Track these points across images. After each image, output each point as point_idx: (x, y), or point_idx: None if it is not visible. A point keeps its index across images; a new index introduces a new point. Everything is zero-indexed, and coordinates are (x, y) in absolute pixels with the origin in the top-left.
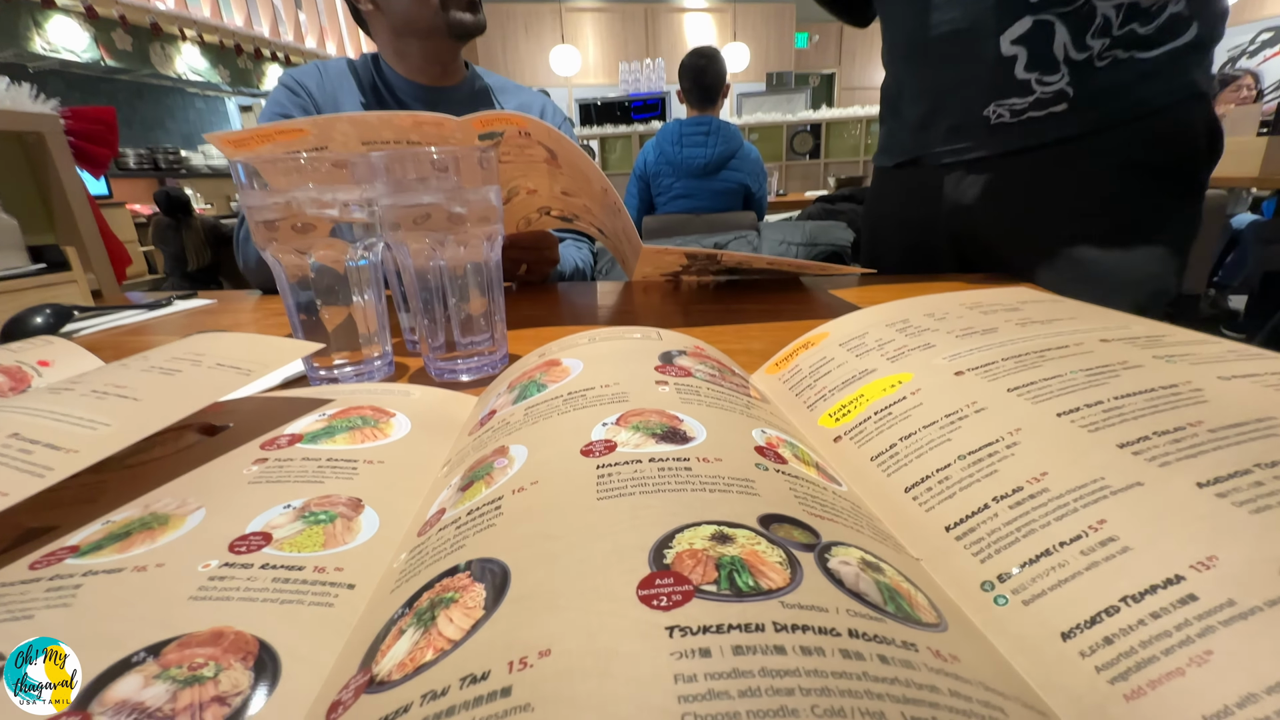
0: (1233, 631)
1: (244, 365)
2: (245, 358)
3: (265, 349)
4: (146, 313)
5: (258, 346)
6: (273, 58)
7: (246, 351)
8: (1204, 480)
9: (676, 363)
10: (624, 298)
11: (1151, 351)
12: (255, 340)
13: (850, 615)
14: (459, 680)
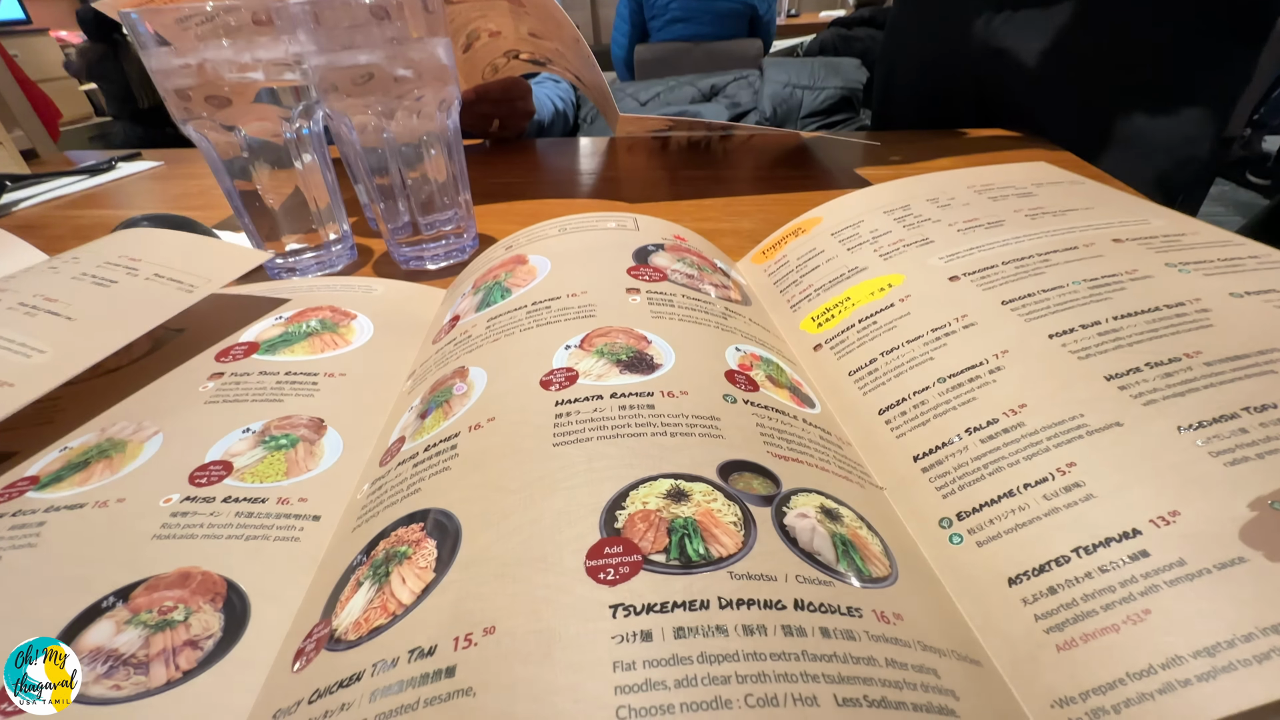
0: (1176, 592)
1: (186, 279)
2: (186, 269)
3: (209, 256)
4: (87, 179)
5: (199, 252)
6: None
7: (187, 259)
8: (1186, 424)
9: (652, 261)
10: (607, 160)
11: (1165, 257)
12: (196, 244)
13: (799, 582)
14: (407, 652)
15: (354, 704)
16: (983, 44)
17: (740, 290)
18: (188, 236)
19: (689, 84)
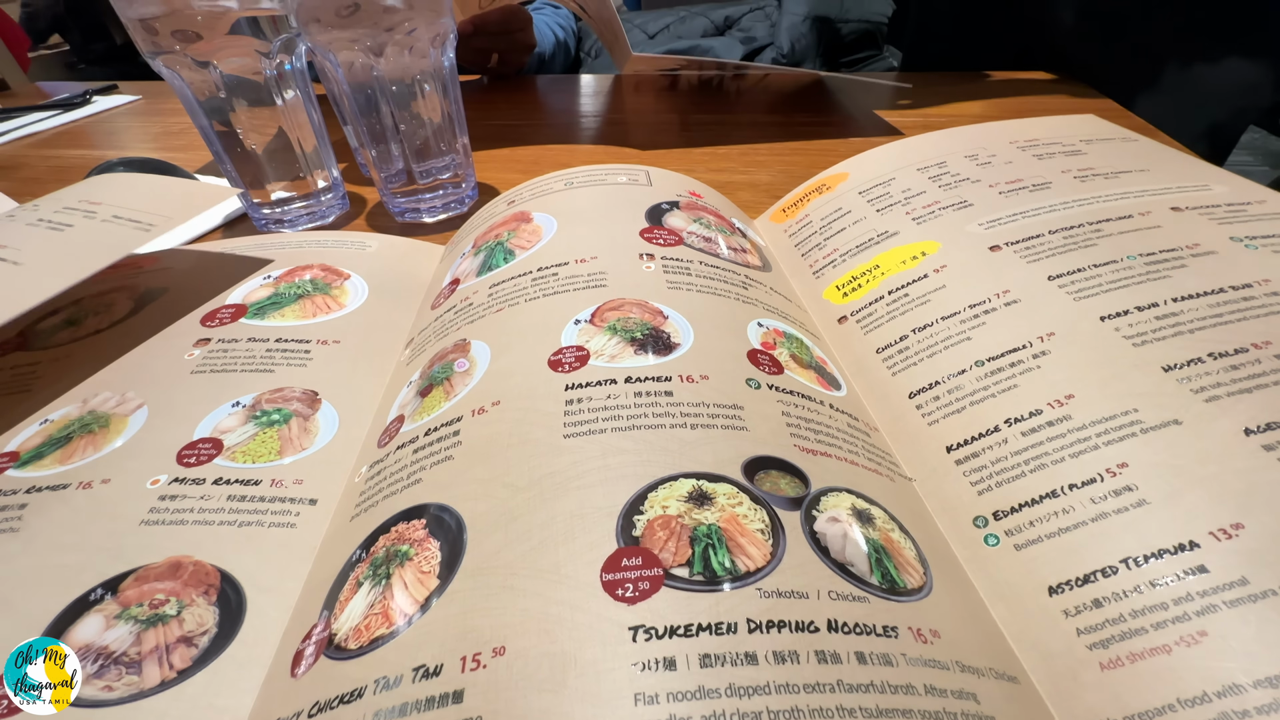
0: (1236, 614)
1: (144, 218)
2: (146, 208)
3: (172, 195)
4: (61, 114)
5: (163, 192)
6: None
7: (148, 200)
8: (1254, 426)
9: (666, 223)
10: (613, 101)
11: (1231, 230)
12: (161, 185)
13: (832, 600)
14: (412, 670)
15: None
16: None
17: (759, 253)
18: (152, 178)
19: (701, 15)
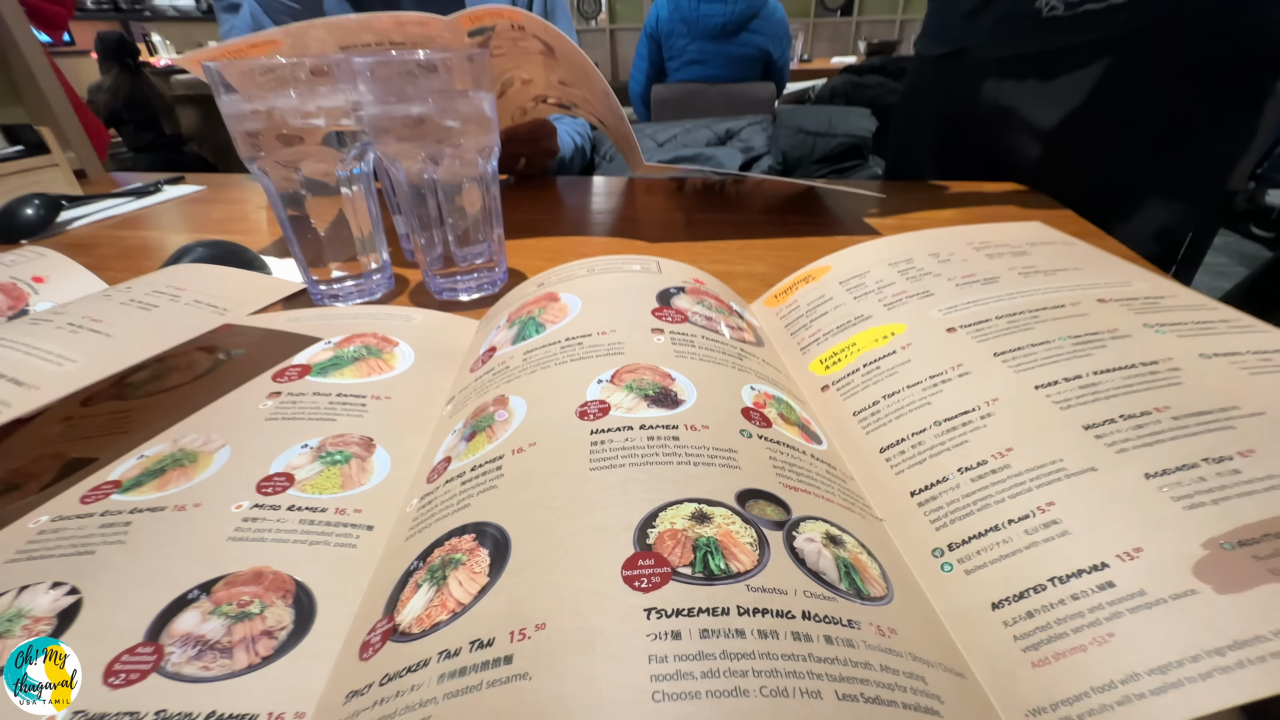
0: (1136, 619)
1: (221, 304)
2: (223, 295)
3: (246, 286)
4: (135, 201)
5: (239, 283)
6: None
7: (226, 288)
8: (1152, 471)
9: (674, 304)
10: (626, 199)
11: (1144, 318)
12: (237, 276)
13: (806, 597)
14: (469, 643)
15: (423, 685)
16: (993, 104)
17: (754, 332)
18: (231, 271)
19: (705, 127)
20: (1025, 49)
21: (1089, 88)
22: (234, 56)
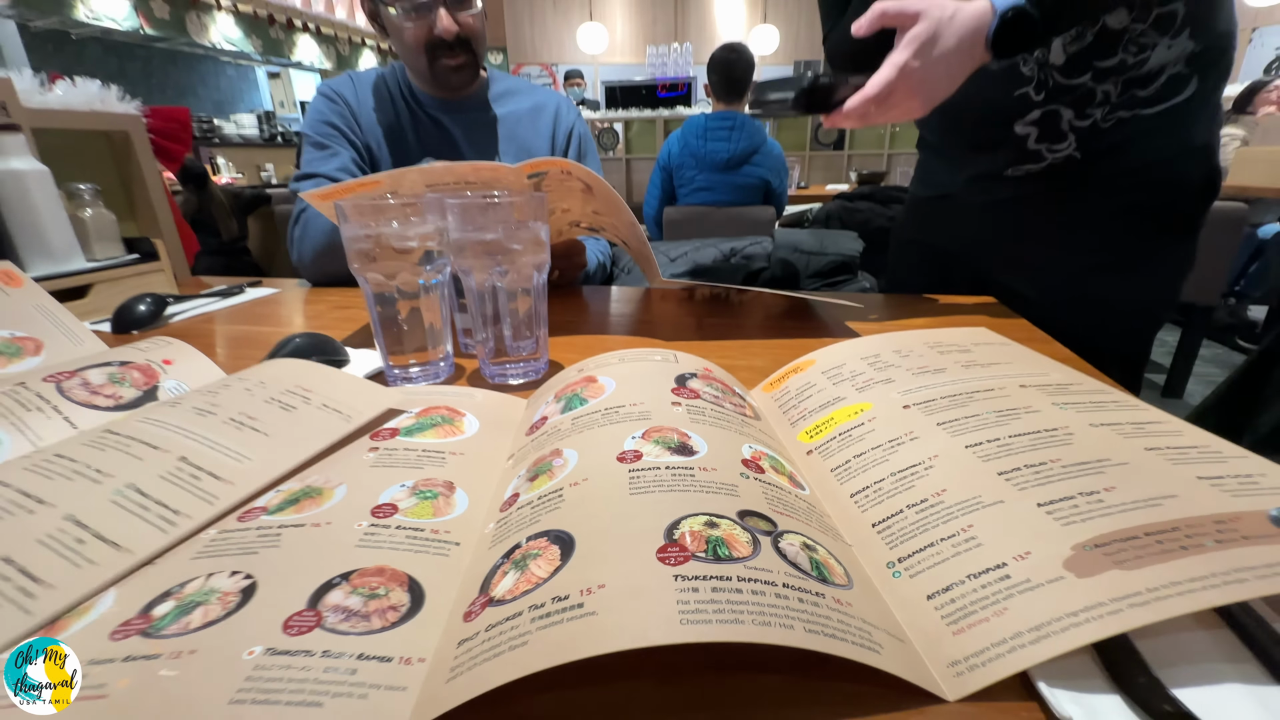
0: (1023, 598)
1: (345, 410)
2: (347, 402)
3: (361, 393)
4: (223, 300)
5: (354, 390)
6: (304, 28)
7: (346, 394)
8: (1042, 501)
9: (689, 385)
10: (644, 306)
11: (1053, 399)
12: (351, 382)
13: (786, 574)
14: (550, 599)
15: (519, 625)
16: (972, 238)
17: (753, 410)
18: (342, 375)
19: (712, 245)
20: (999, 196)
21: (1052, 226)
22: (346, 194)
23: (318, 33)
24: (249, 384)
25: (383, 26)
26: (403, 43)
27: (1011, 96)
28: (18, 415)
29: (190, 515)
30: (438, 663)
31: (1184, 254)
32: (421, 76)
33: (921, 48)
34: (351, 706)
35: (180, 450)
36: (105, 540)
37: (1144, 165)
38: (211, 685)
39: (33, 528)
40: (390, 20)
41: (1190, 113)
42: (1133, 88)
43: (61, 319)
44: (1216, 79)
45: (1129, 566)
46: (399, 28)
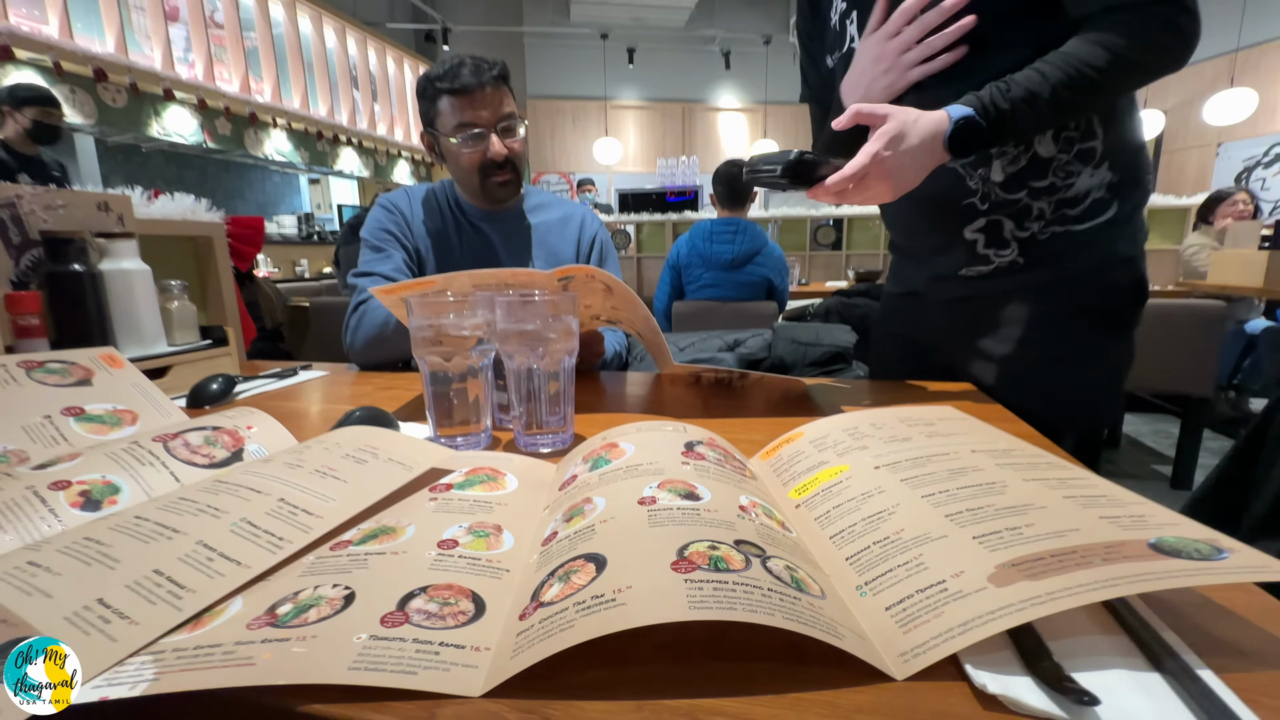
0: (956, 604)
1: (407, 462)
2: (406, 456)
3: (417, 450)
4: (280, 380)
5: (413, 448)
6: (347, 142)
7: (407, 451)
8: (977, 535)
9: (696, 450)
10: (656, 389)
11: (996, 460)
12: (410, 442)
13: (771, 583)
14: (590, 597)
15: (565, 615)
16: (940, 330)
17: (751, 472)
18: (402, 436)
19: (717, 337)
20: (957, 294)
21: (1005, 323)
22: (408, 290)
23: (359, 146)
24: (326, 444)
25: (439, 153)
26: (459, 165)
27: (961, 205)
28: (134, 468)
29: (291, 541)
30: (500, 648)
31: (1122, 350)
32: (473, 192)
33: (890, 141)
34: (438, 676)
35: (279, 493)
36: (229, 559)
37: (1078, 273)
38: (333, 657)
39: (174, 549)
40: (449, 147)
41: (1115, 230)
42: (1064, 207)
43: (153, 395)
44: (1135, 203)
45: (1035, 578)
46: (456, 153)
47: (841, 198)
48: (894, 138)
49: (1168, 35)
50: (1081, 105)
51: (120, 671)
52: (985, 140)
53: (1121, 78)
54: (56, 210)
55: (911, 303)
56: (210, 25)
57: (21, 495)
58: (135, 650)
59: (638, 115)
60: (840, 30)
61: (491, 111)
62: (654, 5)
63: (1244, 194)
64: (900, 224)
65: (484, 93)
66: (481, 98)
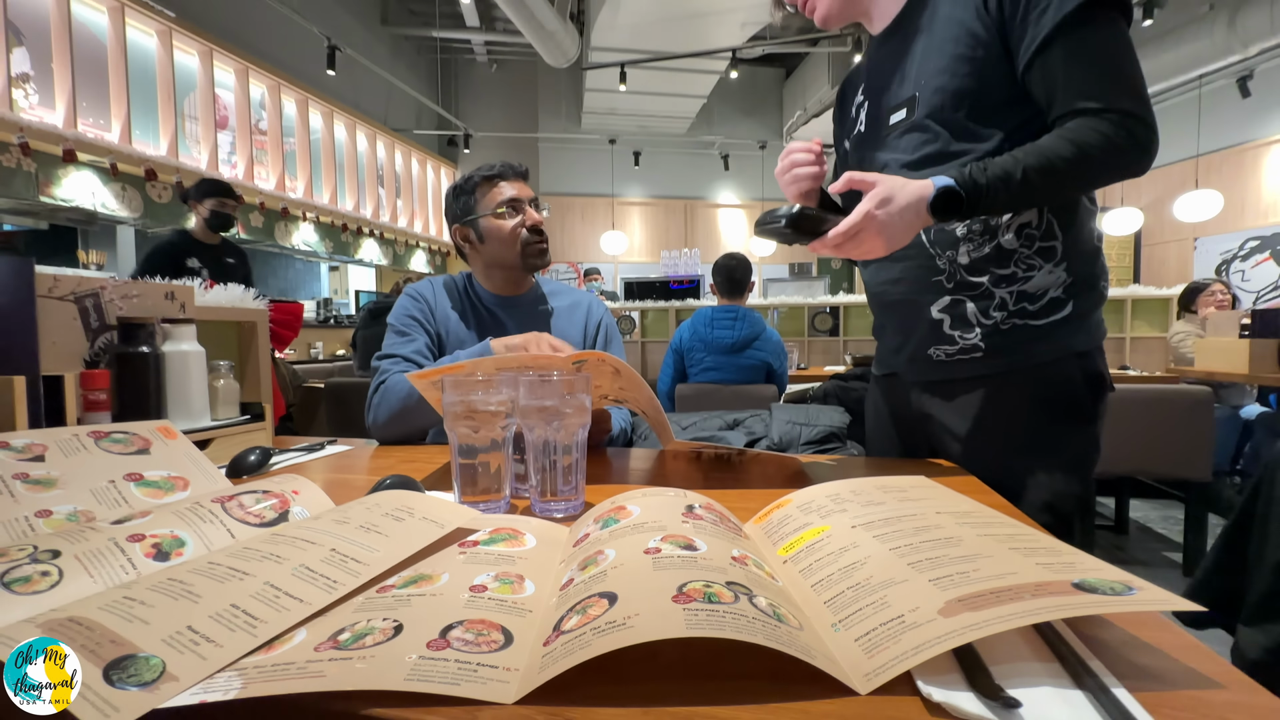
0: (912, 632)
1: (439, 520)
2: (437, 515)
3: (446, 510)
4: (309, 453)
5: (443, 509)
6: (370, 234)
7: (436, 511)
8: (932, 578)
9: (695, 511)
10: (659, 463)
11: (957, 520)
12: (441, 503)
13: (756, 614)
14: (604, 622)
15: (584, 637)
16: (919, 411)
17: (745, 534)
18: (433, 499)
19: (717, 417)
20: (930, 378)
21: (975, 406)
22: (438, 375)
23: (380, 237)
24: (367, 505)
25: (473, 242)
26: (500, 238)
27: (929, 281)
28: (197, 525)
29: (343, 584)
30: (529, 668)
31: (1086, 439)
32: (512, 264)
33: (881, 201)
34: (478, 687)
35: (330, 544)
36: (292, 596)
37: (1036, 365)
38: (390, 670)
39: (245, 589)
40: (489, 226)
41: (1071, 327)
42: (1024, 300)
43: (202, 464)
44: (1091, 304)
45: (975, 610)
46: (498, 227)
47: (840, 251)
48: (884, 199)
49: (1127, 141)
50: (1050, 191)
51: (212, 683)
52: (963, 209)
53: (1086, 170)
54: (131, 299)
55: (892, 384)
56: (255, 132)
57: (105, 545)
58: (221, 667)
59: (643, 211)
60: (855, 118)
61: (524, 192)
62: (658, 115)
63: (1220, 284)
64: (878, 302)
65: (518, 179)
66: (517, 182)
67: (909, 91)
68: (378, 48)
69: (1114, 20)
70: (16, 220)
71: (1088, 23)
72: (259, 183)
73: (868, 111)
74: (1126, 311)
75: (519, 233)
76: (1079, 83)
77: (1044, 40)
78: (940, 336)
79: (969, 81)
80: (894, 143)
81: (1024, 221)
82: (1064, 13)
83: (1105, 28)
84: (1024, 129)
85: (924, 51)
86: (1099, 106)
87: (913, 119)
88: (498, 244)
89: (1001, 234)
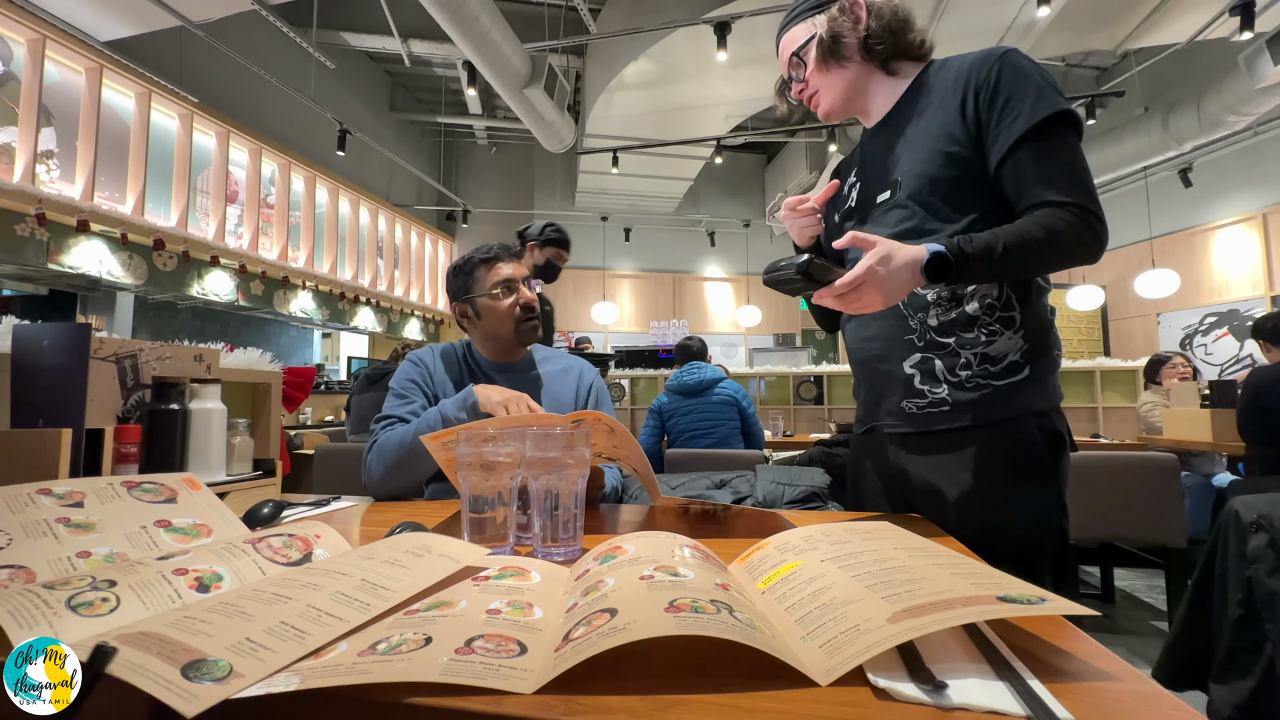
0: (862, 637)
1: (455, 557)
2: (454, 554)
3: (460, 549)
4: (316, 508)
5: (457, 547)
6: (366, 302)
7: (454, 550)
8: (884, 595)
9: (684, 552)
10: (649, 518)
11: (911, 554)
12: (455, 543)
13: (734, 621)
14: (609, 627)
15: (590, 639)
16: (895, 466)
17: (729, 571)
18: (447, 539)
19: (704, 477)
20: (903, 429)
21: (945, 463)
22: (451, 434)
23: (376, 305)
24: (389, 544)
25: (470, 316)
26: (497, 316)
27: (902, 339)
28: (232, 562)
29: (375, 606)
30: (543, 668)
31: (1046, 496)
32: (505, 339)
33: (882, 259)
34: (501, 681)
35: (360, 575)
36: (332, 615)
37: (998, 423)
38: (427, 667)
39: (290, 609)
40: (485, 304)
41: (1029, 389)
42: (986, 363)
43: (224, 513)
44: (1046, 369)
45: (915, 616)
46: (495, 305)
47: (841, 303)
48: (884, 256)
49: (1086, 230)
50: (1023, 266)
51: (273, 680)
52: (952, 274)
53: (1053, 250)
54: (165, 360)
55: (870, 441)
56: (263, 205)
57: (154, 576)
58: (279, 668)
59: (633, 283)
60: (846, 195)
61: (518, 272)
62: (648, 195)
63: (1181, 357)
64: (856, 358)
65: (513, 260)
66: (512, 263)
67: (894, 176)
68: (384, 131)
69: (1070, 134)
70: (16, 285)
71: (1050, 135)
72: (263, 252)
73: (859, 191)
74: (1096, 383)
75: (513, 311)
76: (1046, 179)
77: (1015, 142)
78: (911, 390)
79: (945, 170)
80: (879, 218)
81: (985, 292)
82: (1032, 123)
83: (1065, 139)
84: (986, 218)
85: (909, 144)
86: (1063, 200)
87: (895, 199)
88: (494, 320)
89: (966, 303)
